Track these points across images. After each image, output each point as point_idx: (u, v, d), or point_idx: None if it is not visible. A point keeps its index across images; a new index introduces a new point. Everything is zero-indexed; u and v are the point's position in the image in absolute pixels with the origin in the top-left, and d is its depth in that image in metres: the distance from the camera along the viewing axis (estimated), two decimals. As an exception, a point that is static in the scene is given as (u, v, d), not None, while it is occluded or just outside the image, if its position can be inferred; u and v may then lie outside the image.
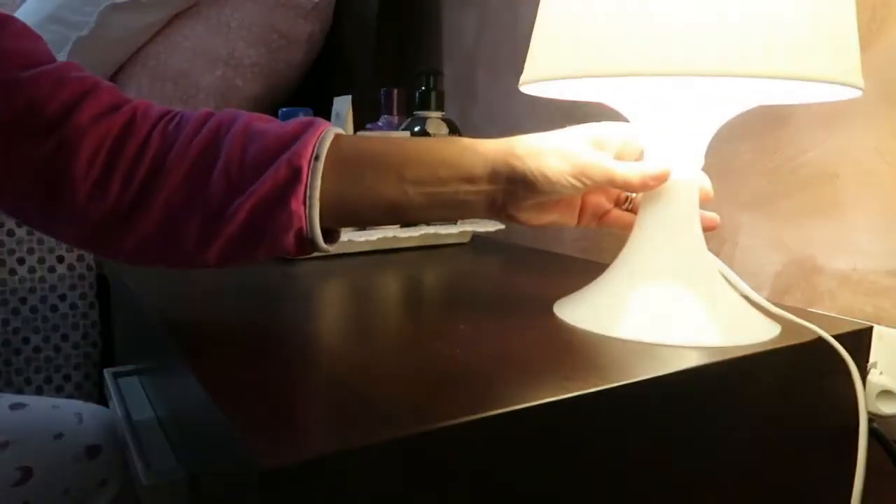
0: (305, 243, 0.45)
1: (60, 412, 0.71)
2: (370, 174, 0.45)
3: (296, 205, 0.42)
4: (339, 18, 1.36)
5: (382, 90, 0.94)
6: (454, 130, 0.87)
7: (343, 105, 0.85)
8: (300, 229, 0.43)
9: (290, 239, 0.43)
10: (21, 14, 1.21)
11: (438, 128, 0.85)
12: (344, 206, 0.45)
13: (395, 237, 0.80)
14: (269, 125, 0.45)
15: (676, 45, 0.39)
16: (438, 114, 0.87)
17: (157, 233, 0.44)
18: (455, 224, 0.88)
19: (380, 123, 0.89)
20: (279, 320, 0.50)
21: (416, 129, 0.85)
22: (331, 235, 0.48)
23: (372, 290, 0.61)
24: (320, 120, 0.46)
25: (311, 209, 0.43)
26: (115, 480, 0.70)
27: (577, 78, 0.43)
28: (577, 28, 0.43)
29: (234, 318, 0.51)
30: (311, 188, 0.43)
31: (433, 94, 0.86)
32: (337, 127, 0.46)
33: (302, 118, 0.46)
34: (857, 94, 0.45)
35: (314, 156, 0.43)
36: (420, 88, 0.87)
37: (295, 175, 0.42)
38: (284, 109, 0.80)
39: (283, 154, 0.43)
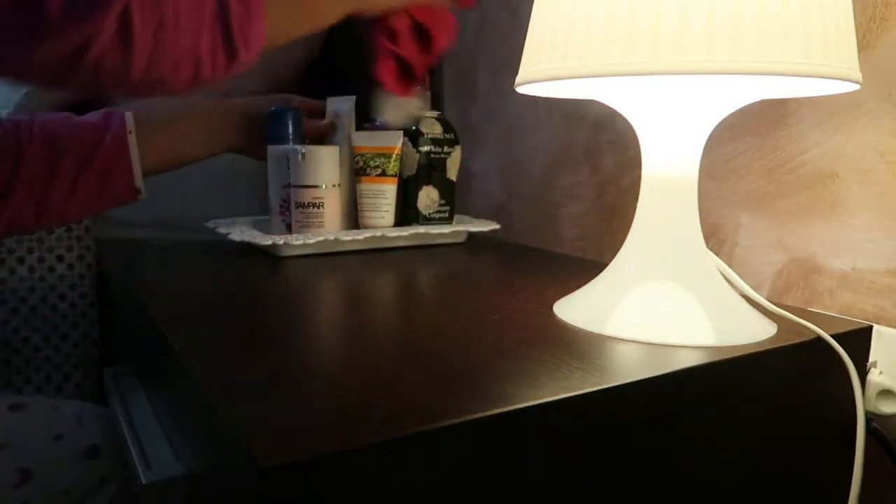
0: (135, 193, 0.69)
1: (60, 413, 0.71)
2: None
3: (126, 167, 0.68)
4: (338, 18, 1.35)
5: (381, 90, 0.94)
6: (449, 130, 0.87)
7: (344, 106, 0.85)
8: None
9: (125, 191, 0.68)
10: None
11: (432, 127, 0.85)
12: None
13: (383, 236, 0.80)
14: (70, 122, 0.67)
15: (668, 44, 0.39)
16: (434, 113, 0.87)
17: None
18: (448, 223, 0.88)
19: (377, 123, 0.89)
20: (278, 320, 0.50)
21: (416, 127, 0.85)
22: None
23: (369, 290, 0.61)
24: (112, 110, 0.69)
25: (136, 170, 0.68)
26: (115, 480, 0.70)
27: (571, 78, 0.43)
28: (570, 27, 0.43)
29: (233, 317, 0.51)
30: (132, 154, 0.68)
31: (429, 94, 0.86)
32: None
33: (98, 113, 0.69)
34: (855, 87, 0.45)
35: (128, 131, 0.68)
36: None
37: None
38: (274, 109, 0.80)
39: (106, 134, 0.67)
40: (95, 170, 0.66)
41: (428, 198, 0.86)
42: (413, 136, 0.85)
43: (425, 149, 0.85)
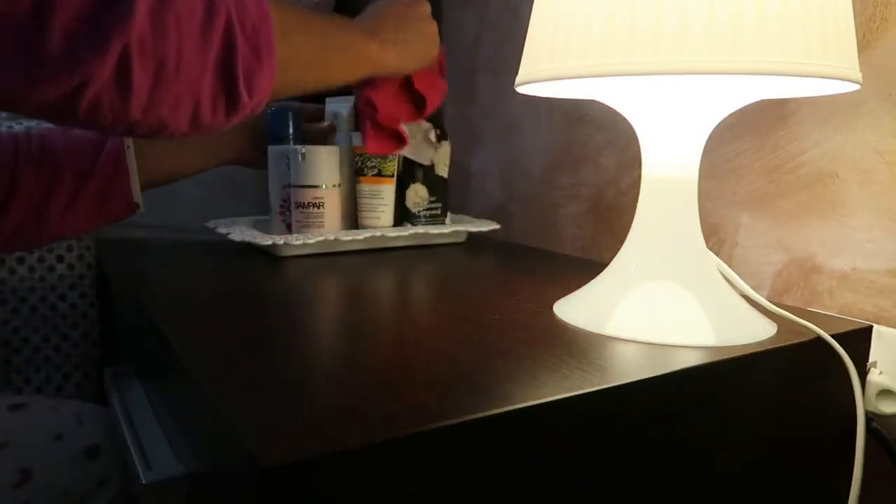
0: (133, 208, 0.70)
1: (60, 413, 0.71)
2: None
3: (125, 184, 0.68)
4: (338, 18, 1.35)
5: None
6: (436, 127, 0.86)
7: (343, 106, 0.85)
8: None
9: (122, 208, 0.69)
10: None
11: (427, 131, 0.85)
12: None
13: (383, 236, 0.80)
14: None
15: (668, 44, 0.39)
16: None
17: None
18: (444, 223, 0.88)
19: None
20: (278, 320, 0.50)
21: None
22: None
23: (369, 290, 0.61)
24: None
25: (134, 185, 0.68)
26: (115, 481, 0.70)
27: (571, 78, 0.43)
28: (570, 27, 0.43)
29: (233, 317, 0.51)
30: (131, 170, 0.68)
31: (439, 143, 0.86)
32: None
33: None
34: (855, 87, 0.45)
35: (126, 145, 0.67)
36: None
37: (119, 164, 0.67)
38: (273, 109, 0.80)
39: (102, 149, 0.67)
40: (94, 185, 0.66)
41: (416, 195, 0.85)
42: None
43: None
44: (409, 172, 0.85)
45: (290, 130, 0.80)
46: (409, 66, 0.68)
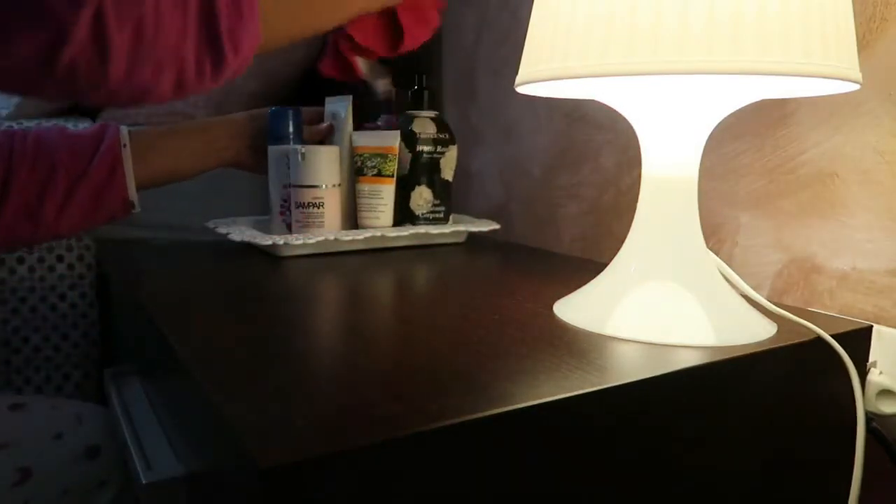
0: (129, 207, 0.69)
1: (60, 413, 0.71)
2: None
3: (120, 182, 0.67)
4: (338, 18, 1.35)
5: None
6: (444, 130, 0.86)
7: (342, 105, 0.85)
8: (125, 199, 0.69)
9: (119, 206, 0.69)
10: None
11: (424, 126, 0.85)
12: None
13: (383, 236, 0.80)
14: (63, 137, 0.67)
15: (668, 44, 0.39)
16: (431, 113, 0.86)
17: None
18: (445, 222, 0.88)
19: (378, 123, 0.90)
20: (278, 320, 0.50)
21: (409, 127, 0.85)
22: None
23: (369, 290, 0.61)
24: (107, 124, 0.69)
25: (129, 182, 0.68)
26: (115, 481, 0.70)
27: (571, 78, 0.43)
28: (570, 27, 0.43)
29: (233, 317, 0.51)
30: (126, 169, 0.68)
31: (425, 94, 0.86)
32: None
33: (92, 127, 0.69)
34: (855, 87, 0.45)
35: (122, 144, 0.68)
36: (412, 88, 0.87)
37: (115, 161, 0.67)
38: (273, 109, 0.80)
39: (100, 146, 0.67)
40: (89, 183, 0.66)
41: (421, 198, 0.85)
42: (407, 136, 0.84)
43: (418, 149, 0.85)
44: (414, 175, 0.85)
45: (290, 130, 0.80)
46: None
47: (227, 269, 0.70)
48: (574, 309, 0.52)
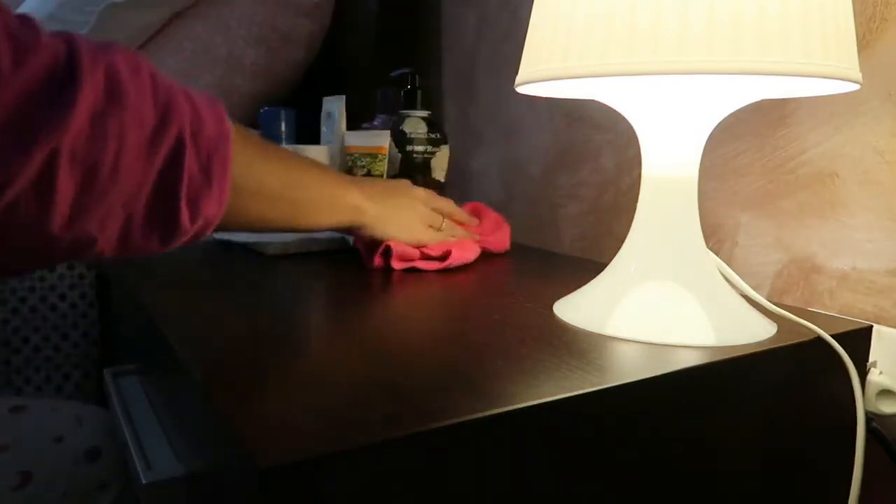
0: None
1: (60, 415, 0.71)
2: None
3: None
4: (339, 18, 1.36)
5: (380, 90, 0.94)
6: (435, 130, 0.86)
7: (335, 106, 0.85)
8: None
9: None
10: (20, 13, 1.21)
11: (416, 126, 0.85)
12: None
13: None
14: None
15: (668, 44, 0.39)
16: (423, 113, 0.86)
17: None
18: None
19: (376, 123, 0.90)
20: (277, 320, 0.50)
21: (400, 127, 0.85)
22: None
23: (367, 291, 0.61)
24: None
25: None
26: (115, 483, 0.70)
27: (571, 78, 0.43)
28: (570, 27, 0.43)
29: (233, 317, 0.51)
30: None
31: (418, 93, 0.86)
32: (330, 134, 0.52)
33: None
34: (855, 87, 0.45)
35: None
36: (405, 87, 0.87)
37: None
38: (265, 110, 0.80)
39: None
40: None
41: None
42: (397, 135, 0.84)
43: (409, 148, 0.84)
44: (405, 175, 0.85)
45: (283, 130, 0.80)
46: (391, 230, 0.67)
47: (226, 269, 0.70)
48: (574, 309, 0.52)
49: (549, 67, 0.45)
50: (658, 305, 0.48)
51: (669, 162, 0.49)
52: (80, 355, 0.98)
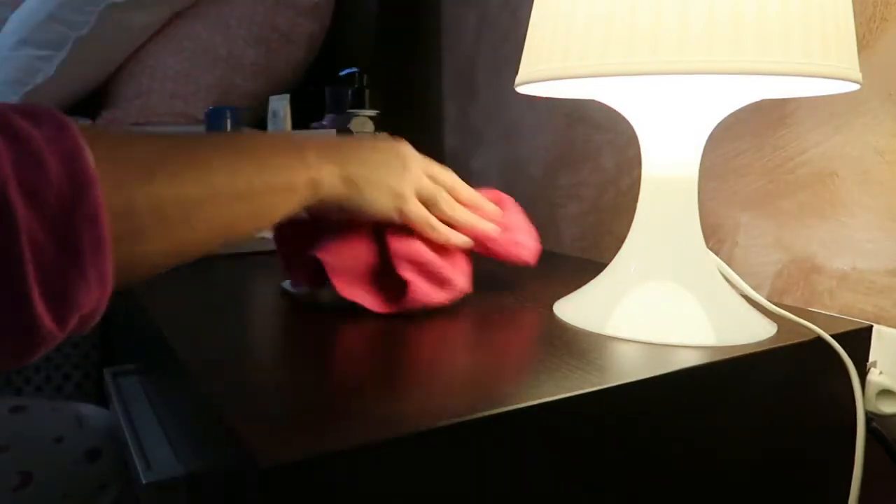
0: None
1: (60, 415, 0.71)
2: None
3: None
4: (339, 18, 1.36)
5: (328, 89, 0.90)
6: (382, 129, 0.86)
7: (280, 104, 0.85)
8: None
9: None
10: (21, 14, 1.21)
11: (363, 125, 0.85)
12: None
13: None
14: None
15: (668, 44, 0.39)
16: (371, 112, 0.86)
17: None
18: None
19: (324, 122, 0.89)
20: (277, 320, 0.50)
21: (346, 126, 0.85)
22: None
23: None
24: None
25: None
26: (115, 484, 0.69)
27: (571, 78, 0.43)
28: (570, 27, 0.43)
29: (233, 317, 0.51)
30: None
31: (366, 92, 0.86)
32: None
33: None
34: (855, 87, 0.45)
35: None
36: (353, 86, 0.87)
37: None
38: (210, 109, 0.79)
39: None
40: None
41: None
42: (343, 134, 0.84)
43: None
44: None
45: (229, 129, 0.79)
46: (369, 198, 0.48)
47: (226, 269, 0.70)
48: (574, 309, 0.52)
49: (549, 67, 0.45)
50: (658, 305, 0.48)
51: (669, 162, 0.49)
52: (80, 355, 0.98)
